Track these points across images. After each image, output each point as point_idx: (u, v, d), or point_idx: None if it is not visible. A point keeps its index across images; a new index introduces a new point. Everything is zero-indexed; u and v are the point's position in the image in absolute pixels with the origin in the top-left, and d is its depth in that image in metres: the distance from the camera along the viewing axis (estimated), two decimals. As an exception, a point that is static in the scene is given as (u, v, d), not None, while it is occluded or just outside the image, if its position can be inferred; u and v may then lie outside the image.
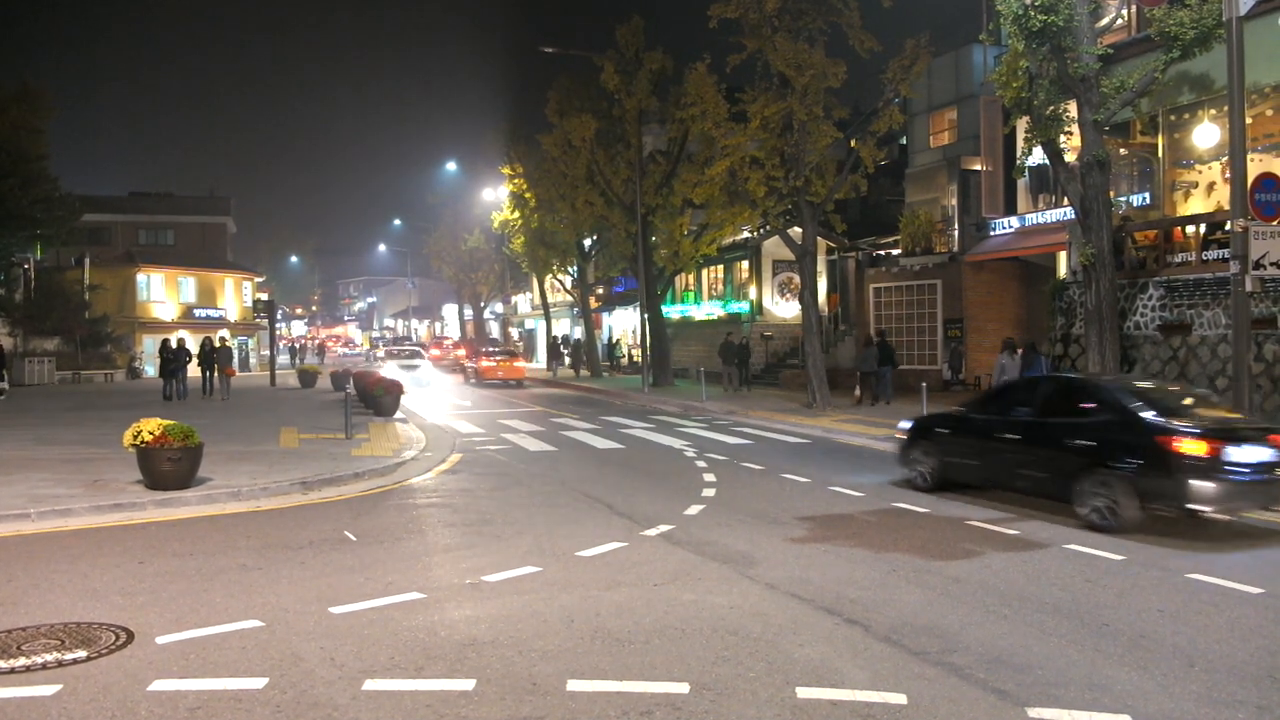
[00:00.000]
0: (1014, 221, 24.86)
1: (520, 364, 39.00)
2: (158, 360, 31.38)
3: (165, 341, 30.38)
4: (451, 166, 63.66)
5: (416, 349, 48.44)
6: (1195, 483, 8.93)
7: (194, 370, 29.16)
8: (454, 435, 18.81)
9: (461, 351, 55.11)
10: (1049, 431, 10.42)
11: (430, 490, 12.33)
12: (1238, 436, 9.36)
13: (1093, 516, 9.49)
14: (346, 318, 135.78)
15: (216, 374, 28.58)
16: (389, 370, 33.66)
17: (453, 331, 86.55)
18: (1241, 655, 5.72)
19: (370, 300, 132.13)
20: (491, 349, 43.70)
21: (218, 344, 30.13)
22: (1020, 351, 18.51)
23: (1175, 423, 9.47)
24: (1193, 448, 9.07)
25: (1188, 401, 10.59)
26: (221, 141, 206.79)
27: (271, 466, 13.26)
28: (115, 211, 57.59)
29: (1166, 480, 9.11)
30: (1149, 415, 9.66)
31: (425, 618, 6.51)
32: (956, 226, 27.77)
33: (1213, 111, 17.45)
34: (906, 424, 12.76)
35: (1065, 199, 19.49)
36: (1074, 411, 10.38)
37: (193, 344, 33.52)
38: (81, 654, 5.74)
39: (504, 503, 11.25)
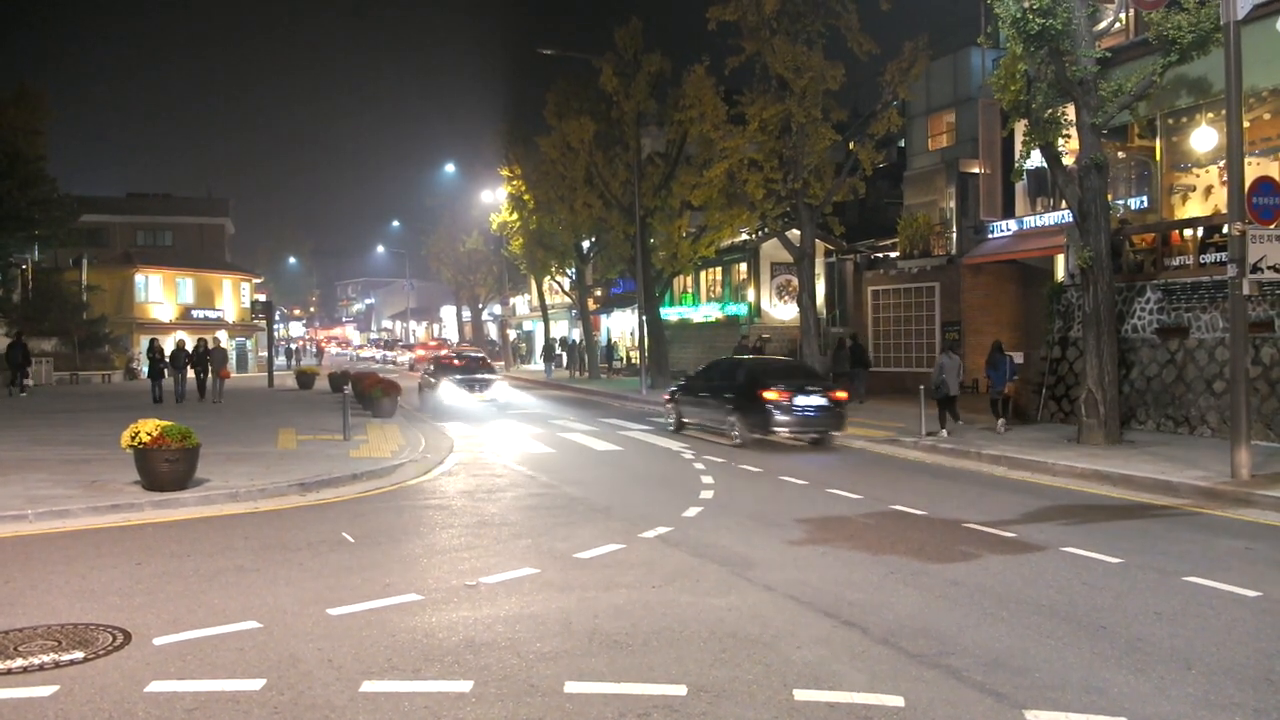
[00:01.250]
0: (1012, 224, 24.90)
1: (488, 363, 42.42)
2: (145, 361, 30.51)
3: (153, 341, 29.44)
4: (450, 168, 63.81)
5: (479, 357, 31.30)
6: (777, 416, 16.43)
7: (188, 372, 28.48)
8: (452, 437, 18.80)
9: (424, 351, 60.28)
10: (716, 391, 18.31)
11: (428, 492, 12.32)
12: (804, 390, 16.67)
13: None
14: (345, 319, 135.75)
15: (211, 376, 27.91)
16: (446, 393, 25.84)
17: (451, 333, 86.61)
18: (1238, 658, 5.72)
19: (368, 302, 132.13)
20: (463, 353, 47.04)
21: (212, 345, 29.44)
22: (980, 351, 20.30)
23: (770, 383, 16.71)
24: (773, 396, 16.44)
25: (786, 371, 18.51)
26: (220, 142, 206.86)
27: (269, 468, 13.25)
28: (113, 212, 57.62)
29: (762, 415, 16.51)
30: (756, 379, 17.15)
31: (423, 619, 6.51)
32: (954, 229, 27.81)
33: (1210, 115, 17.48)
34: (670, 390, 20.95)
35: (1063, 202, 19.54)
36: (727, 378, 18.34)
37: (190, 345, 33.16)
38: (78, 655, 5.73)
39: (502, 504, 11.25)
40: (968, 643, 5.99)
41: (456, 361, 28.96)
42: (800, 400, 16.42)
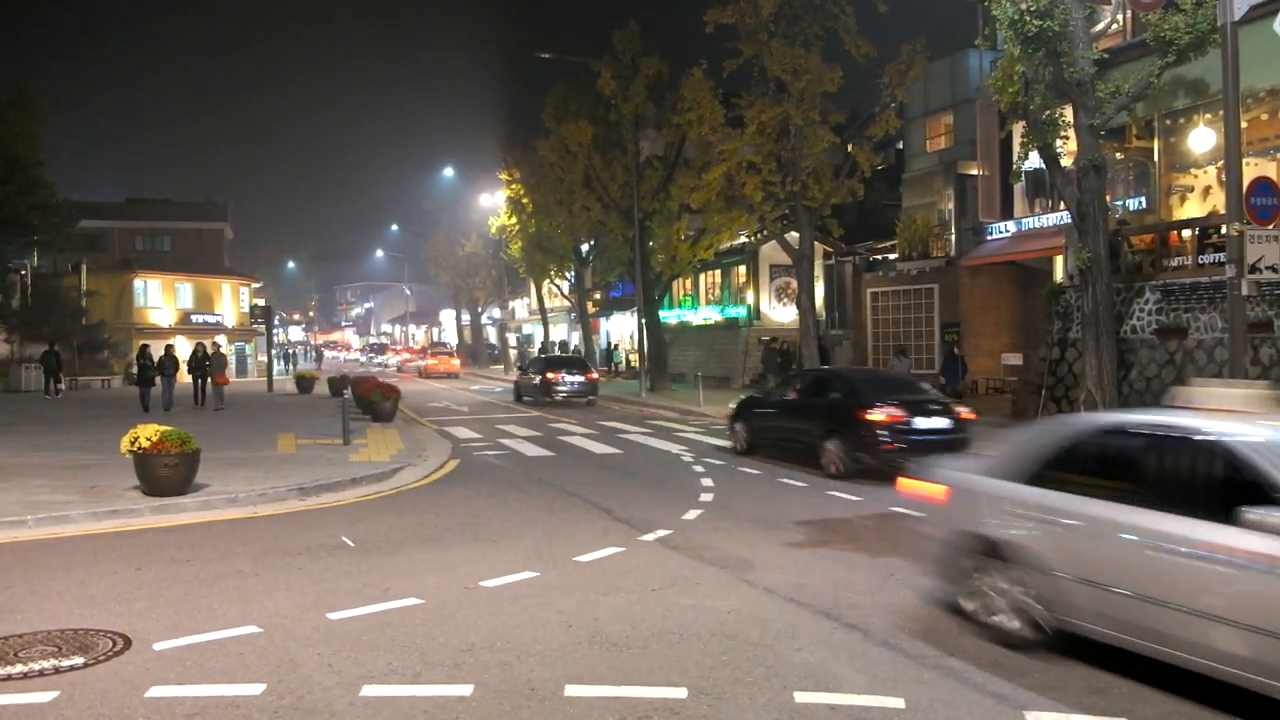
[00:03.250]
0: (1010, 226, 24.92)
1: (455, 362, 54.04)
2: (135, 368, 28.07)
3: (144, 347, 27.63)
4: (449, 172, 63.74)
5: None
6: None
7: (182, 377, 26.98)
8: (452, 441, 18.80)
9: (409, 354, 72.90)
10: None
11: (428, 496, 12.31)
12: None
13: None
14: (344, 323, 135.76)
15: (208, 382, 26.30)
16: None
17: (450, 337, 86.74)
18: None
19: (367, 306, 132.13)
20: (438, 350, 61.47)
21: (210, 350, 27.69)
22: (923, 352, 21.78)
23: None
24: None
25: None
26: (219, 147, 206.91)
27: (269, 472, 13.24)
28: (112, 217, 57.63)
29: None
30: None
31: (423, 623, 6.51)
32: (953, 231, 27.83)
33: (1208, 116, 17.51)
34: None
35: (1062, 203, 19.55)
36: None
37: (187, 351, 32.54)
38: (78, 660, 5.73)
39: (502, 508, 11.25)
40: (967, 644, 5.99)
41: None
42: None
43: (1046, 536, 5.73)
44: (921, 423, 13.44)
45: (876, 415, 13.32)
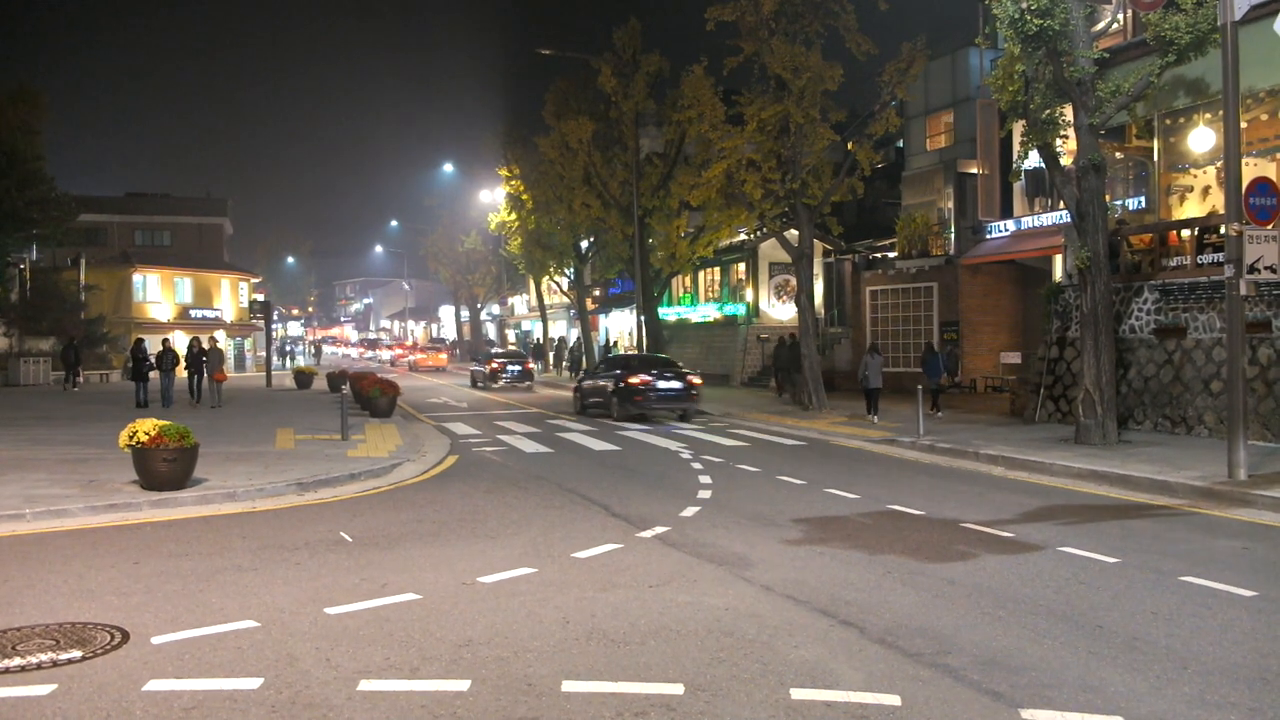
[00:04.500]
0: (1010, 225, 24.94)
1: (443, 356, 60.71)
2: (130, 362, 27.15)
3: (139, 341, 26.60)
4: (448, 168, 63.71)
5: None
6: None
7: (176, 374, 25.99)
8: (450, 437, 18.81)
9: (402, 350, 77.21)
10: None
11: (426, 491, 12.32)
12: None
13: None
14: (343, 319, 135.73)
15: (205, 378, 25.59)
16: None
17: (449, 333, 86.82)
18: (1234, 657, 5.73)
19: (367, 301, 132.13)
20: (427, 347, 69.06)
21: (207, 345, 26.89)
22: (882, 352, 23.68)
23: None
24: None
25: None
26: (219, 142, 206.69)
27: (267, 467, 13.26)
28: (111, 212, 57.57)
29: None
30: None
31: (420, 618, 6.52)
32: (953, 229, 27.85)
33: (1208, 115, 17.51)
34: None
35: (1061, 202, 19.56)
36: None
37: (179, 345, 31.82)
38: (76, 654, 5.74)
39: (500, 504, 11.26)
40: (964, 642, 6.00)
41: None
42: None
43: None
44: (662, 385, 21.53)
45: (634, 380, 21.52)
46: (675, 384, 21.67)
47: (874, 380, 20.68)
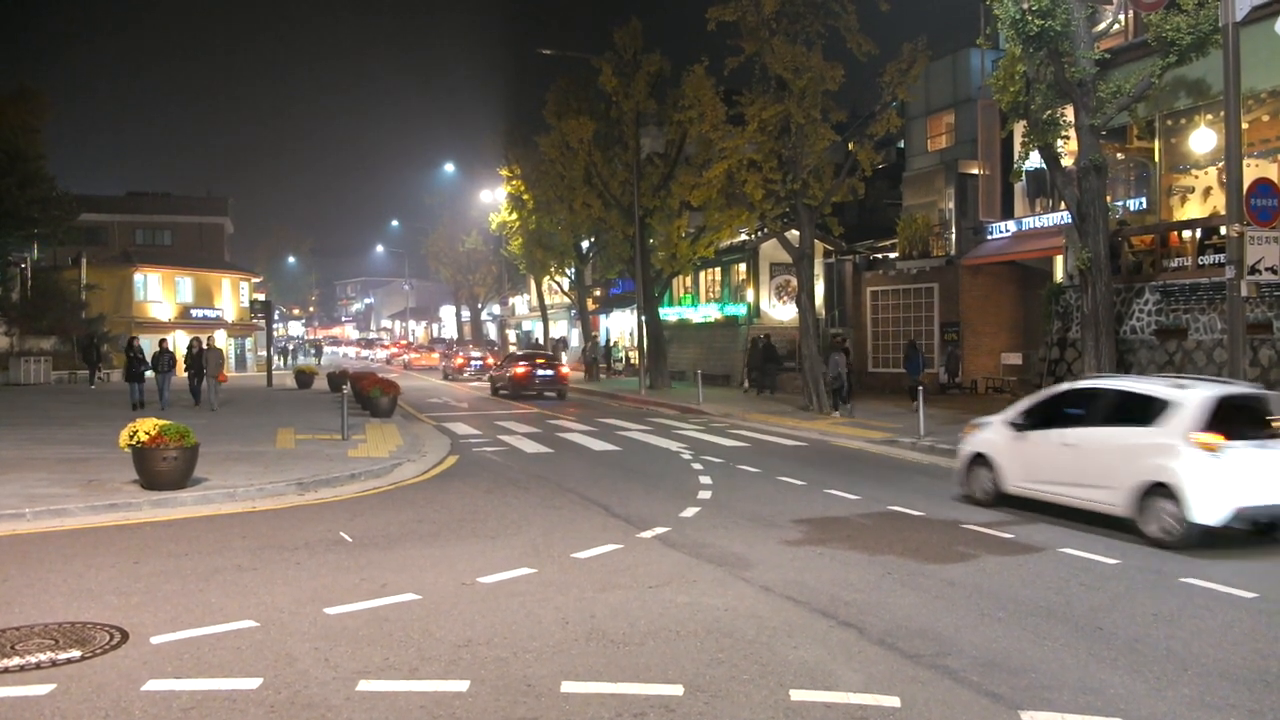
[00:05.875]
0: (1011, 225, 24.91)
1: (435, 356, 61.36)
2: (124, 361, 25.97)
3: (132, 340, 25.45)
4: (449, 168, 63.71)
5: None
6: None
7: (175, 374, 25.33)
8: (451, 437, 18.81)
9: (398, 350, 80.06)
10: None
11: (426, 491, 12.32)
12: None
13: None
14: (344, 318, 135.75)
15: (205, 379, 24.61)
16: None
17: (450, 333, 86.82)
18: (1234, 659, 5.73)
19: (367, 301, 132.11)
20: (421, 347, 74.22)
21: (206, 345, 26.10)
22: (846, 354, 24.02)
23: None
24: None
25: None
26: (220, 142, 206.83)
27: (268, 467, 13.25)
28: (112, 211, 57.52)
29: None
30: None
31: (420, 619, 6.51)
32: (953, 230, 27.83)
33: (1209, 116, 17.49)
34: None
35: (1062, 203, 19.55)
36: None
37: (178, 345, 31.66)
38: (76, 654, 5.74)
39: (500, 504, 11.25)
40: (964, 643, 6.00)
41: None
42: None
43: None
44: (540, 373, 29.37)
45: (518, 369, 29.76)
46: (549, 372, 30.06)
47: (840, 377, 22.51)
